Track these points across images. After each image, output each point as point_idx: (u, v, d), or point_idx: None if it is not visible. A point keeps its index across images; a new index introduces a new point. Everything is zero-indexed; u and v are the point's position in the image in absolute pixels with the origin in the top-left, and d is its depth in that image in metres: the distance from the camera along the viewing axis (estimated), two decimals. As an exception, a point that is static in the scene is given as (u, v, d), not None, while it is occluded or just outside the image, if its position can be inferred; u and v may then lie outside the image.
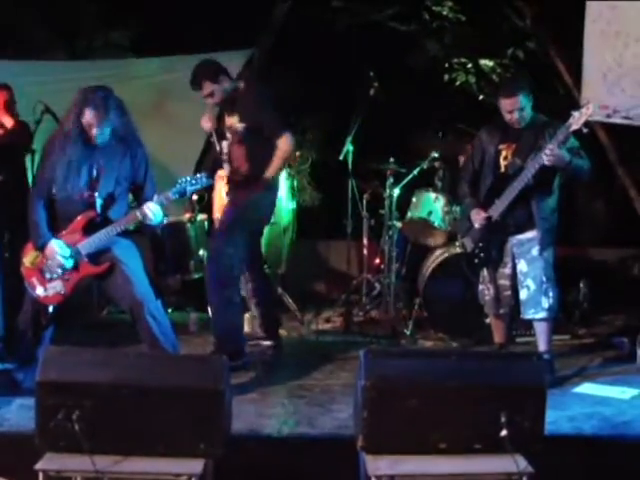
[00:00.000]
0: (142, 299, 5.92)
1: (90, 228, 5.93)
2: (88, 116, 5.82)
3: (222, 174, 8.54)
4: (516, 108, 6.37)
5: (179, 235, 8.44)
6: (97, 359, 4.51)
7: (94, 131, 5.85)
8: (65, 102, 6.61)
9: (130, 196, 6.23)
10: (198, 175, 6.03)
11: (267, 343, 7.23)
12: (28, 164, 8.13)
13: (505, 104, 6.42)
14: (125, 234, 6.10)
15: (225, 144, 6.98)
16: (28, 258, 5.98)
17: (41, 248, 5.91)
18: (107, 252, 5.98)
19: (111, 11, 10.53)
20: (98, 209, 5.95)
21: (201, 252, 8.37)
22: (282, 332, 7.59)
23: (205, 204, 8.72)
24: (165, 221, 6.33)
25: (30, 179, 7.81)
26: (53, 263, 5.89)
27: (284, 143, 6.69)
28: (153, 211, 5.87)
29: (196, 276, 8.43)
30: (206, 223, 8.71)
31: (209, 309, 7.27)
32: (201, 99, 6.94)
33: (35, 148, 7.93)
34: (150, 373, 4.46)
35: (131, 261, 6.05)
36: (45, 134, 7.23)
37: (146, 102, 9.76)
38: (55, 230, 5.97)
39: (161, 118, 9.27)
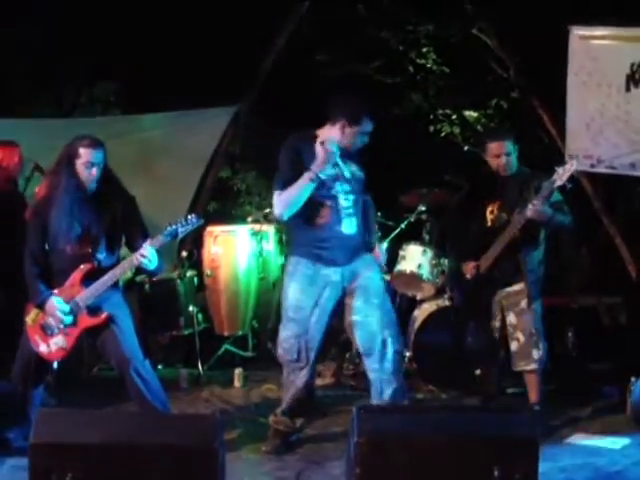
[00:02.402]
0: (129, 357, 5.93)
1: (88, 280, 5.95)
2: (84, 154, 5.87)
3: (210, 230, 8.62)
4: (504, 152, 6.44)
5: (168, 291, 8.46)
6: (89, 420, 4.53)
7: (92, 171, 5.88)
8: (52, 159, 6.68)
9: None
10: (189, 217, 6.01)
11: None
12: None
13: (492, 148, 6.47)
14: (116, 290, 6.15)
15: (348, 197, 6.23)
16: (30, 316, 6.00)
17: (40, 306, 5.92)
18: (101, 307, 5.98)
19: (96, 65, 10.58)
20: (94, 260, 5.98)
21: (190, 308, 8.38)
22: (271, 387, 7.59)
23: (194, 260, 8.76)
24: (164, 267, 6.30)
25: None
26: (53, 320, 5.91)
27: None
28: (148, 256, 5.84)
29: (186, 332, 8.44)
30: (195, 279, 8.73)
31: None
32: (186, 154, 6.91)
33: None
34: (143, 432, 4.47)
35: (121, 319, 6.06)
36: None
37: (133, 158, 9.77)
38: (53, 284, 5.98)
39: (148, 174, 9.30)
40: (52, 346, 5.96)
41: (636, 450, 6.01)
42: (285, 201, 5.99)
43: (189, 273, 8.61)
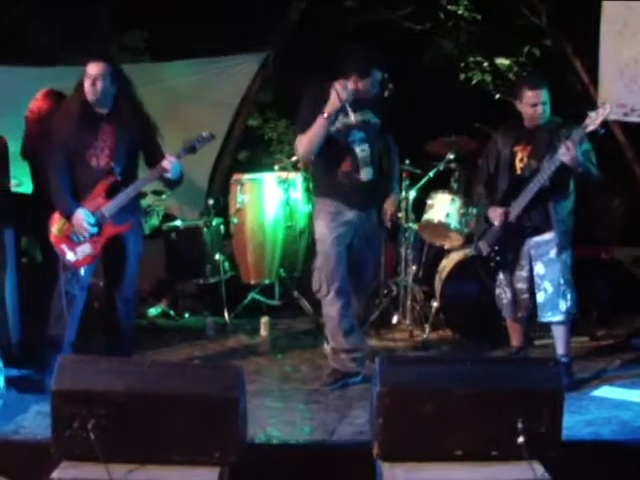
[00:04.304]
0: (127, 288, 6.43)
1: (111, 192, 6.24)
2: (87, 70, 6.13)
3: (237, 178, 8.58)
4: (540, 101, 6.33)
5: (195, 240, 8.47)
6: (112, 367, 4.50)
7: (96, 85, 6.11)
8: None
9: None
10: (203, 133, 6.49)
11: None
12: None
13: (530, 96, 6.35)
14: (136, 205, 6.62)
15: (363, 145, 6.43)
16: (56, 226, 6.25)
17: (68, 217, 6.18)
18: (124, 217, 6.31)
19: (125, 13, 10.54)
20: (117, 175, 6.24)
21: (217, 256, 8.38)
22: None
23: (221, 208, 8.74)
24: (183, 177, 6.59)
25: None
26: (80, 230, 6.18)
27: None
28: (172, 165, 6.25)
29: (212, 281, 8.44)
30: (222, 227, 8.71)
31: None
32: (214, 101, 6.95)
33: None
34: (165, 381, 4.45)
35: (133, 248, 6.43)
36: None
37: (162, 106, 9.73)
38: (77, 197, 6.24)
39: (177, 122, 9.24)
40: (79, 254, 6.25)
41: (664, 404, 5.95)
42: (304, 142, 6.31)
43: (215, 221, 8.60)
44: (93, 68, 6.12)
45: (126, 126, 6.25)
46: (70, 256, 6.23)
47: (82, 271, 6.28)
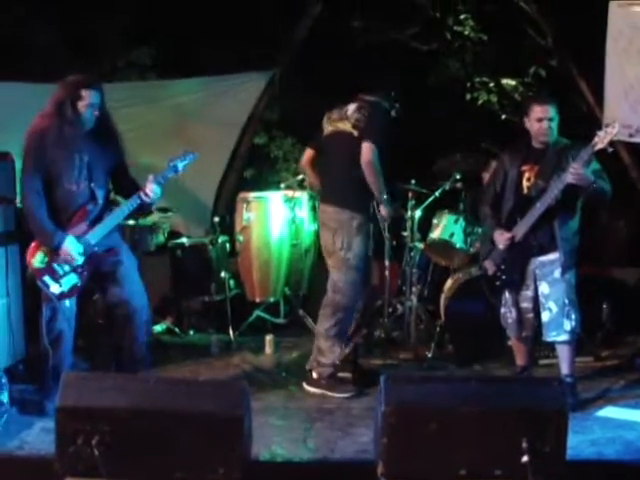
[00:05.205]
0: (138, 302, 6.14)
1: (94, 217, 6.02)
2: (86, 96, 5.88)
3: (243, 196, 8.61)
4: (547, 117, 6.35)
5: (200, 257, 8.48)
6: (116, 384, 4.52)
7: (97, 113, 5.94)
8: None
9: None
10: (185, 151, 6.29)
11: None
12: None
13: (537, 111, 6.38)
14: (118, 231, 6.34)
15: None
16: (37, 258, 5.93)
17: (56, 247, 5.88)
18: (109, 244, 6.09)
19: (133, 30, 10.58)
20: (98, 199, 6.03)
21: (222, 274, 8.38)
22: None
23: (227, 226, 8.75)
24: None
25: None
26: (67, 259, 5.89)
27: None
28: (154, 189, 6.04)
29: (217, 298, 8.45)
30: (228, 245, 8.73)
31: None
32: (221, 119, 6.97)
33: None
34: (169, 398, 4.47)
35: (128, 263, 6.21)
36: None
37: (169, 123, 9.82)
38: (57, 223, 5.94)
39: (184, 139, 9.27)
40: (64, 285, 5.94)
41: (668, 424, 5.94)
42: (375, 171, 6.67)
43: (221, 239, 8.60)
44: (95, 96, 5.92)
45: (105, 147, 6.06)
46: (55, 288, 5.92)
47: (67, 302, 6.01)
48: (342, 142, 6.77)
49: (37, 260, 5.93)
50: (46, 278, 5.93)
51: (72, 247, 5.88)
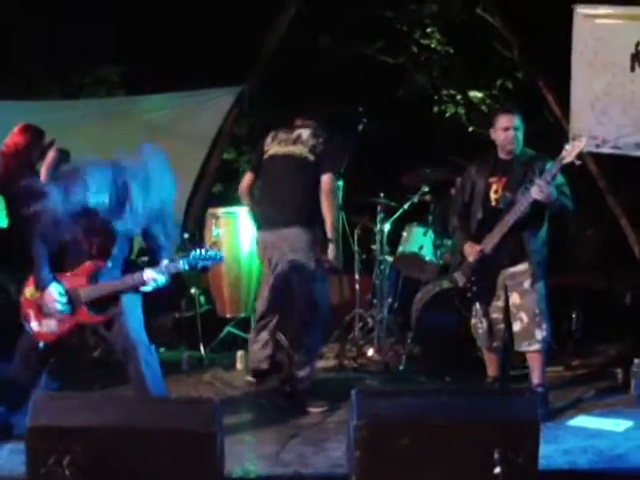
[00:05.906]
0: (136, 343, 5.80)
1: (95, 276, 5.80)
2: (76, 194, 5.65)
3: (212, 212, 8.59)
4: (512, 126, 6.43)
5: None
6: (87, 403, 4.49)
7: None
8: (59, 140, 6.60)
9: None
10: (212, 251, 5.82)
11: None
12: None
13: (502, 120, 6.47)
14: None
15: None
16: (29, 290, 5.88)
17: (41, 289, 5.78)
18: (112, 302, 5.81)
19: (100, 47, 10.56)
20: (108, 261, 5.80)
21: (193, 290, 8.37)
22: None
23: (196, 242, 8.72)
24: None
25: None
26: (50, 306, 5.76)
27: None
28: (153, 279, 5.70)
29: (188, 314, 8.44)
30: (198, 262, 8.69)
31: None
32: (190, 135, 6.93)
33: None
34: (141, 416, 4.45)
35: (130, 310, 5.89)
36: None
37: (138, 139, 9.72)
38: (62, 267, 5.82)
39: (152, 154, 9.22)
40: (43, 326, 5.83)
41: (639, 433, 5.96)
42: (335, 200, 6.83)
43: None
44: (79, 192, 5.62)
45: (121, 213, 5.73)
46: (34, 325, 5.83)
47: (41, 344, 5.87)
48: (295, 166, 6.82)
49: (28, 292, 5.88)
50: (30, 311, 5.86)
51: (56, 296, 5.72)
